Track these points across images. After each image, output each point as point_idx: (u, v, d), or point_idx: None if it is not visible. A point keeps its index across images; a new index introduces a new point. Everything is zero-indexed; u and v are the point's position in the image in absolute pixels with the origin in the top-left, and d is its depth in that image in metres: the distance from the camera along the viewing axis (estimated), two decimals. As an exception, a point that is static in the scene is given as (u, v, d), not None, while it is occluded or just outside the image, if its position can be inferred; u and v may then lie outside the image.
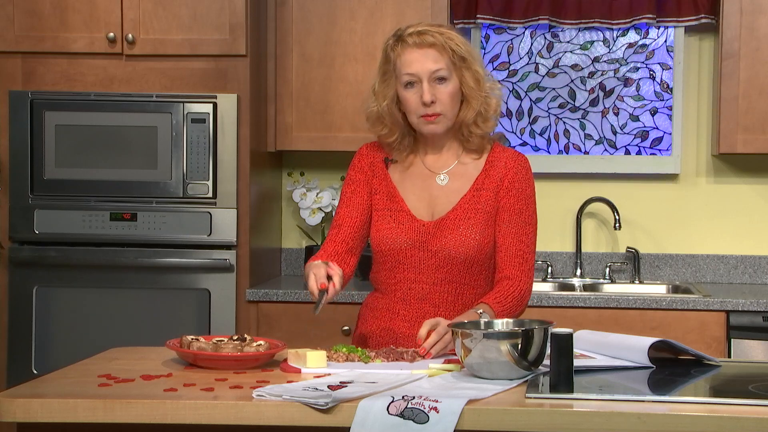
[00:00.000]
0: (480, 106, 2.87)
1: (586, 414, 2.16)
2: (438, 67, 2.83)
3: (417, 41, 2.83)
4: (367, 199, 2.96)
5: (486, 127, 2.91)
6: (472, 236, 2.87)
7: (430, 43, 2.82)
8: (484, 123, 2.90)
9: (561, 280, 4.76)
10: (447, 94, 2.84)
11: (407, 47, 2.84)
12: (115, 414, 2.22)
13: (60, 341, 4.29)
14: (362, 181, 2.98)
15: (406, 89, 2.86)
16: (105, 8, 4.30)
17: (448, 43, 2.83)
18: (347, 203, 2.97)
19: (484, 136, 2.93)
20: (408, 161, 2.97)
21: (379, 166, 2.98)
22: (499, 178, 2.92)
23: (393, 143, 2.95)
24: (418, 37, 2.83)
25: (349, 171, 3.02)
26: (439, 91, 2.84)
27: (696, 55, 4.76)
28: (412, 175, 2.96)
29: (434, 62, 2.82)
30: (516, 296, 2.85)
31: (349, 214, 2.95)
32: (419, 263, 2.90)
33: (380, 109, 2.91)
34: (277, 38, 4.54)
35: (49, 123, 4.28)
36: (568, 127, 4.86)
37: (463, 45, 2.86)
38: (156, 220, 4.27)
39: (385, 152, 2.99)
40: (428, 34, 2.83)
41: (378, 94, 2.91)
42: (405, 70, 2.84)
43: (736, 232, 4.76)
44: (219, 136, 4.26)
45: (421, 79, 2.83)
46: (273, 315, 4.32)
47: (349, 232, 2.93)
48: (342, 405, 2.19)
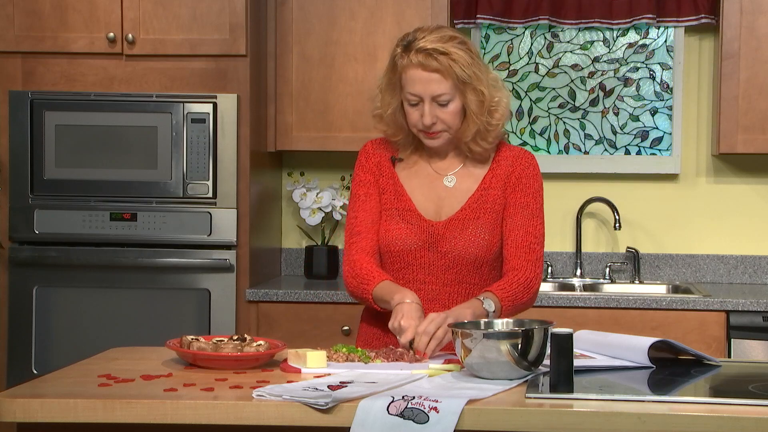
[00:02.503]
0: (480, 126, 2.86)
1: (586, 414, 2.16)
2: (441, 92, 2.80)
3: (422, 62, 2.78)
4: (379, 200, 2.95)
5: (486, 144, 2.89)
6: (482, 236, 2.87)
7: (435, 68, 2.78)
8: (483, 140, 2.88)
9: (561, 280, 4.76)
10: (449, 114, 2.83)
11: (411, 66, 2.80)
12: (115, 414, 2.22)
13: (60, 341, 4.29)
14: (372, 182, 2.96)
15: (409, 104, 2.85)
16: (105, 8, 4.30)
17: (453, 68, 2.77)
18: (363, 207, 2.95)
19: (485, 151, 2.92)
20: (413, 160, 2.97)
21: (385, 165, 2.97)
22: (506, 177, 2.91)
23: (398, 141, 2.95)
24: (424, 57, 2.78)
25: (357, 171, 3.00)
26: (440, 111, 2.82)
27: (696, 55, 4.76)
28: (419, 175, 2.96)
29: (437, 86, 2.79)
30: (521, 283, 2.82)
31: (367, 219, 2.93)
32: (429, 264, 2.89)
33: (385, 115, 2.91)
34: (277, 38, 4.54)
35: (49, 123, 4.28)
36: (568, 127, 4.86)
37: (468, 67, 2.80)
38: (156, 220, 4.27)
39: (390, 149, 2.98)
40: (433, 57, 2.77)
41: (384, 101, 2.90)
42: (408, 89, 2.82)
43: (736, 232, 4.76)
44: (219, 136, 4.26)
45: (423, 100, 2.82)
46: (273, 315, 4.32)
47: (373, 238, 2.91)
48: (342, 405, 2.19)
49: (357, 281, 2.87)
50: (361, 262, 2.88)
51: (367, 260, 2.88)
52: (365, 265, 2.87)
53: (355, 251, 2.91)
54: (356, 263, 2.89)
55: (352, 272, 2.88)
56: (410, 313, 2.68)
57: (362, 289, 2.85)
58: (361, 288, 2.86)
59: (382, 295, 2.81)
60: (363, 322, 3.04)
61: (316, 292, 4.31)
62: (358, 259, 2.89)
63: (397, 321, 2.68)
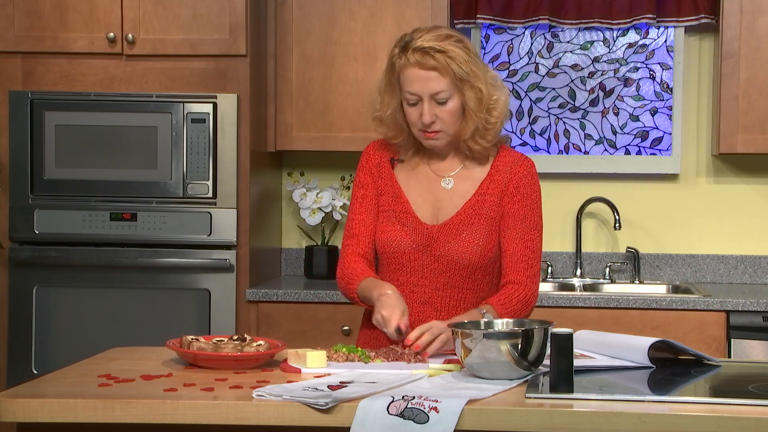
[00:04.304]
0: (479, 123, 2.86)
1: (586, 414, 2.16)
2: (439, 89, 2.80)
3: (420, 60, 2.79)
4: (377, 202, 2.96)
5: (485, 142, 2.89)
6: (476, 241, 2.87)
7: (432, 66, 2.79)
8: (482, 138, 2.88)
9: (561, 280, 4.76)
10: (448, 113, 2.83)
11: (409, 65, 2.80)
12: (115, 414, 2.22)
13: (60, 341, 4.29)
14: (370, 184, 2.97)
15: (408, 104, 2.85)
16: (105, 8, 4.30)
17: (450, 66, 2.78)
18: (359, 210, 2.96)
19: (484, 149, 2.92)
20: (413, 162, 2.97)
21: (385, 167, 2.97)
22: (504, 183, 2.91)
23: (399, 143, 2.95)
24: (422, 56, 2.78)
25: (358, 172, 3.01)
26: (439, 110, 2.82)
27: (696, 55, 4.76)
28: (417, 177, 2.96)
29: (435, 84, 2.79)
30: (521, 300, 2.84)
31: (364, 222, 2.94)
32: (422, 267, 2.90)
33: (384, 116, 2.91)
34: (277, 38, 4.54)
35: (49, 123, 4.28)
36: (568, 127, 4.86)
37: (465, 64, 2.80)
38: (156, 220, 4.27)
39: (392, 151, 2.99)
40: (430, 55, 2.77)
41: (383, 101, 2.90)
42: (406, 88, 2.82)
43: (736, 232, 4.76)
44: (219, 136, 4.26)
45: (422, 98, 2.82)
46: (273, 315, 4.32)
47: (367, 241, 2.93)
48: (342, 405, 2.19)
49: (344, 281, 2.91)
50: (350, 263, 2.92)
51: (355, 260, 2.92)
52: (352, 265, 2.91)
53: (348, 254, 2.94)
54: (345, 264, 2.93)
55: (341, 273, 2.94)
56: (390, 303, 2.71)
57: (348, 289, 2.90)
58: (348, 288, 2.90)
59: (364, 292, 2.85)
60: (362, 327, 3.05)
61: (316, 292, 4.31)
62: (348, 260, 2.93)
63: (379, 313, 2.70)
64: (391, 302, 2.72)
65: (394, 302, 2.72)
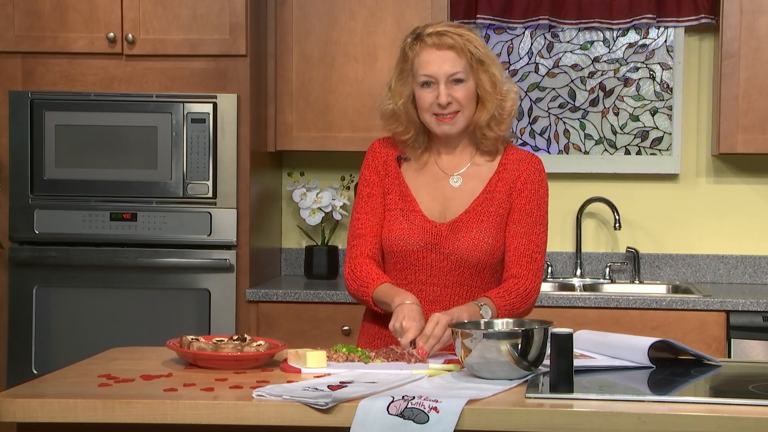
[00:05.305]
0: (494, 110, 2.86)
1: (586, 414, 2.16)
2: (456, 70, 2.82)
3: (436, 42, 2.82)
4: (383, 201, 2.95)
5: (500, 130, 2.90)
6: (485, 239, 2.86)
7: (449, 45, 2.81)
8: (497, 126, 2.89)
9: (561, 280, 4.76)
10: (463, 94, 2.84)
11: (426, 47, 2.83)
12: (115, 414, 2.22)
13: (60, 341, 4.29)
14: (376, 182, 2.96)
15: (422, 88, 2.85)
16: (105, 8, 4.30)
17: (467, 46, 2.82)
18: (365, 209, 2.95)
19: (498, 138, 2.92)
20: (422, 160, 2.96)
21: (392, 165, 2.96)
22: (512, 180, 2.91)
23: (408, 140, 2.94)
24: (438, 38, 2.82)
25: (363, 170, 3.00)
26: (455, 91, 2.83)
27: (696, 55, 4.76)
28: (425, 175, 2.95)
29: (452, 65, 2.82)
30: (520, 293, 2.83)
31: (370, 222, 2.93)
32: (431, 265, 2.89)
33: (396, 107, 2.90)
34: (277, 38, 4.54)
35: (49, 123, 4.28)
36: (568, 127, 4.86)
37: (482, 48, 2.85)
38: (156, 220, 4.27)
39: (398, 149, 2.98)
40: (447, 35, 2.81)
41: (394, 92, 2.90)
42: (422, 71, 2.83)
43: (736, 232, 4.76)
44: (219, 136, 4.26)
45: (438, 80, 2.82)
46: (273, 315, 4.32)
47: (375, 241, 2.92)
48: (342, 405, 2.19)
49: (357, 284, 2.89)
50: (361, 264, 2.90)
51: (367, 263, 2.90)
52: (365, 267, 2.89)
53: (356, 254, 2.92)
54: (356, 266, 2.90)
55: (353, 275, 2.90)
56: (411, 315, 2.69)
57: (362, 292, 2.87)
58: (361, 291, 2.88)
59: (381, 297, 2.83)
60: (365, 320, 3.04)
61: (316, 292, 4.31)
62: (359, 262, 2.90)
63: (399, 322, 2.68)
64: (412, 314, 2.70)
65: (415, 315, 2.70)
